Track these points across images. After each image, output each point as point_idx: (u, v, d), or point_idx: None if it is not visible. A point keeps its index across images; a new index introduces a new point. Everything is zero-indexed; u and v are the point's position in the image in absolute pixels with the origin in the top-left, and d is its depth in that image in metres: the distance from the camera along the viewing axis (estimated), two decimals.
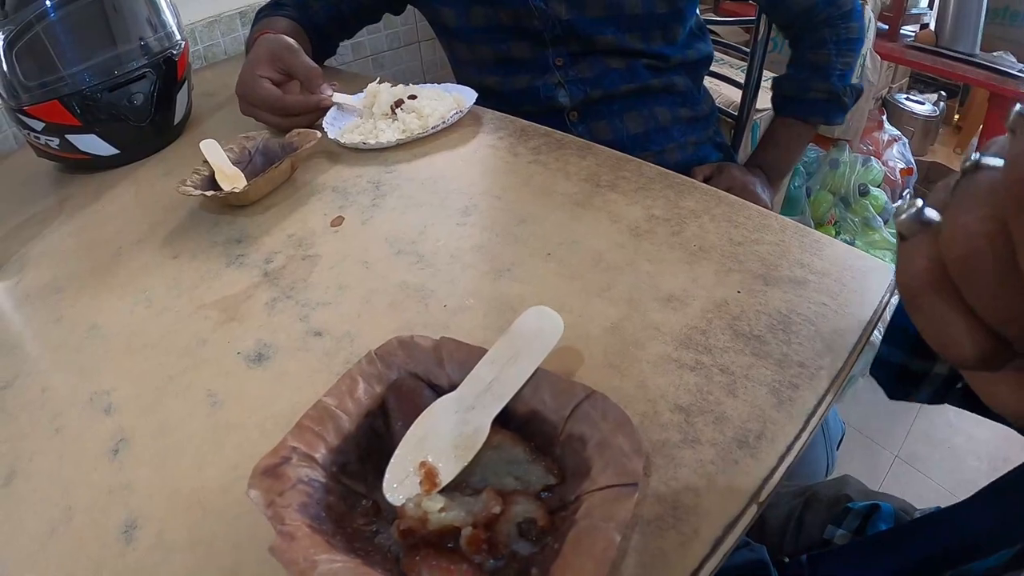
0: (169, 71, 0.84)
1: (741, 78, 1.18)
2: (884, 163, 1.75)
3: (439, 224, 0.59)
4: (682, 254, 0.52)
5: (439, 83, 0.80)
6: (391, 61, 1.65)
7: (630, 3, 0.87)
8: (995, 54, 1.98)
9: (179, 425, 0.43)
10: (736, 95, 1.20)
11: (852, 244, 1.55)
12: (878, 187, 1.69)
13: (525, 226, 0.57)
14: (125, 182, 0.79)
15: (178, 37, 0.87)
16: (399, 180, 0.67)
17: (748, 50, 1.13)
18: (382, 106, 0.75)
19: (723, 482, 0.36)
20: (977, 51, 1.93)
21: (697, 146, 0.99)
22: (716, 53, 1.05)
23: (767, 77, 1.11)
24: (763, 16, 1.05)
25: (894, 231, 1.33)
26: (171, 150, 0.85)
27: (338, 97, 0.78)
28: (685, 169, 0.97)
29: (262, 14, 0.99)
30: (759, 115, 1.30)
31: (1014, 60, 1.99)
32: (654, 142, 0.94)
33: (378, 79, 0.78)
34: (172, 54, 0.85)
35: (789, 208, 1.57)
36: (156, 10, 0.85)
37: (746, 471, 0.36)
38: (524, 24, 0.90)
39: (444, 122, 0.72)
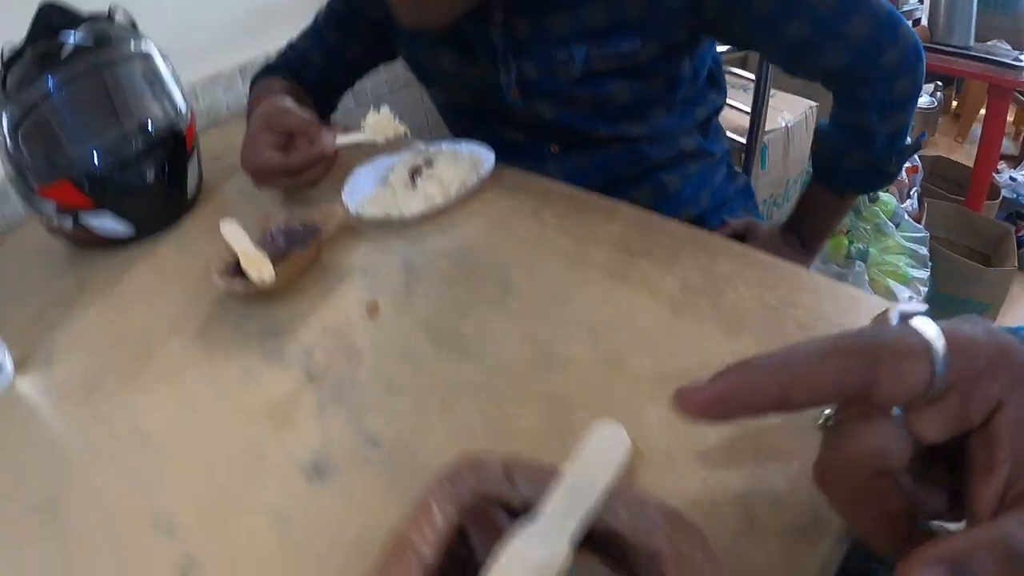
0: (178, 145, 0.85)
1: (745, 101, 1.18)
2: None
3: (478, 307, 0.59)
4: (723, 328, 0.52)
5: (445, 134, 0.81)
6: (393, 103, 1.64)
7: (619, 94, 0.80)
8: (989, 43, 1.98)
9: (248, 550, 0.43)
10: (741, 119, 1.20)
11: (866, 252, 1.55)
12: (886, 191, 1.69)
13: (565, 307, 0.57)
14: (143, 262, 0.78)
15: (183, 107, 0.87)
16: (428, 256, 0.67)
17: (751, 76, 1.13)
18: (400, 175, 0.75)
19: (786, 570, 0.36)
20: (972, 43, 1.93)
21: (713, 195, 0.94)
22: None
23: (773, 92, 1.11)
24: None
25: (906, 235, 1.32)
26: (187, 223, 0.85)
27: (341, 139, 0.77)
28: (702, 223, 0.92)
29: (258, 78, 1.00)
30: (768, 135, 1.30)
31: (1009, 48, 1.99)
32: (666, 211, 0.88)
33: (376, 109, 0.77)
34: (179, 127, 0.85)
35: None
36: (159, 82, 0.85)
37: (808, 559, 0.36)
38: (509, 117, 0.86)
39: (466, 189, 0.72)
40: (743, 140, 1.17)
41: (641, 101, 0.80)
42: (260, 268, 0.66)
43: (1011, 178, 2.31)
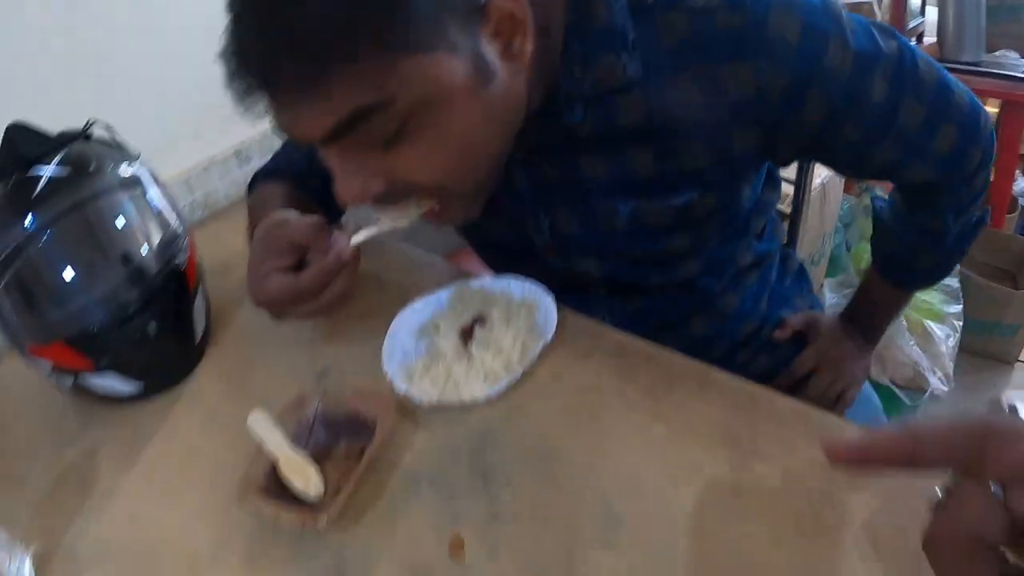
0: (179, 286, 0.75)
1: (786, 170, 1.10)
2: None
3: (581, 551, 0.50)
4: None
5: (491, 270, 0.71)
6: None
7: (679, 246, 0.69)
8: (998, 54, 1.93)
9: None
10: (786, 187, 1.12)
11: None
12: None
13: (686, 540, 0.49)
14: (158, 428, 0.69)
15: (181, 235, 0.77)
16: (505, 460, 0.57)
17: None
18: (448, 337, 0.66)
19: None
20: (983, 56, 1.88)
21: (772, 295, 0.85)
22: None
23: None
24: None
25: None
26: (200, 373, 0.76)
27: (356, 238, 0.62)
28: (762, 329, 0.85)
29: (254, 184, 0.88)
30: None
31: (1017, 56, 1.94)
32: (728, 331, 0.81)
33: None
34: (179, 264, 0.75)
35: (832, 269, 1.50)
36: (152, 211, 0.74)
37: None
38: (546, 268, 0.75)
39: (528, 359, 0.63)
40: (786, 211, 1.10)
41: (701, 249, 0.71)
42: (305, 477, 0.57)
43: None
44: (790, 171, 1.09)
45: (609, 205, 0.65)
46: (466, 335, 0.66)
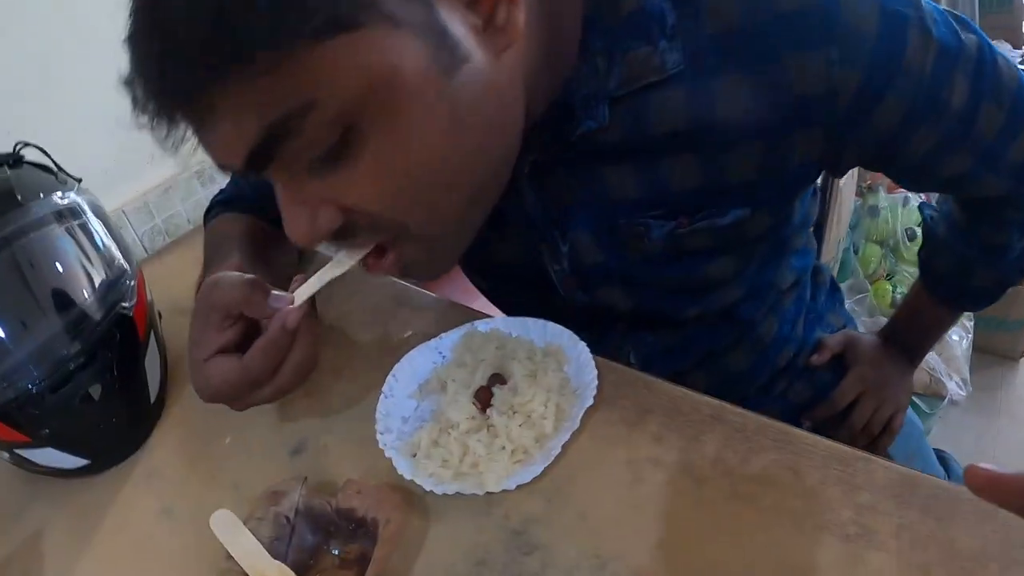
0: (126, 334, 0.62)
1: None
2: (919, 194, 1.63)
3: None
4: None
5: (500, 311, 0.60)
6: None
7: (720, 272, 0.59)
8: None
9: None
10: None
11: None
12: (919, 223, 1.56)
13: None
14: (107, 508, 0.57)
15: (128, 273, 0.64)
16: (547, 564, 0.45)
17: None
18: (458, 400, 0.53)
19: None
20: None
21: (808, 317, 0.77)
22: None
23: None
24: None
25: None
26: (157, 442, 0.64)
27: (302, 294, 0.49)
28: (800, 353, 0.77)
29: (210, 214, 0.76)
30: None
31: (1010, 47, 1.92)
32: (768, 361, 0.72)
33: None
34: (124, 308, 0.62)
35: (841, 274, 1.42)
36: (92, 246, 0.62)
37: None
38: (560, 305, 0.64)
39: (565, 429, 0.50)
40: None
41: (743, 268, 0.61)
42: None
43: None
44: None
45: (640, 227, 0.54)
46: (483, 398, 0.53)
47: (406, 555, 0.47)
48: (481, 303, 1.12)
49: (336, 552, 0.48)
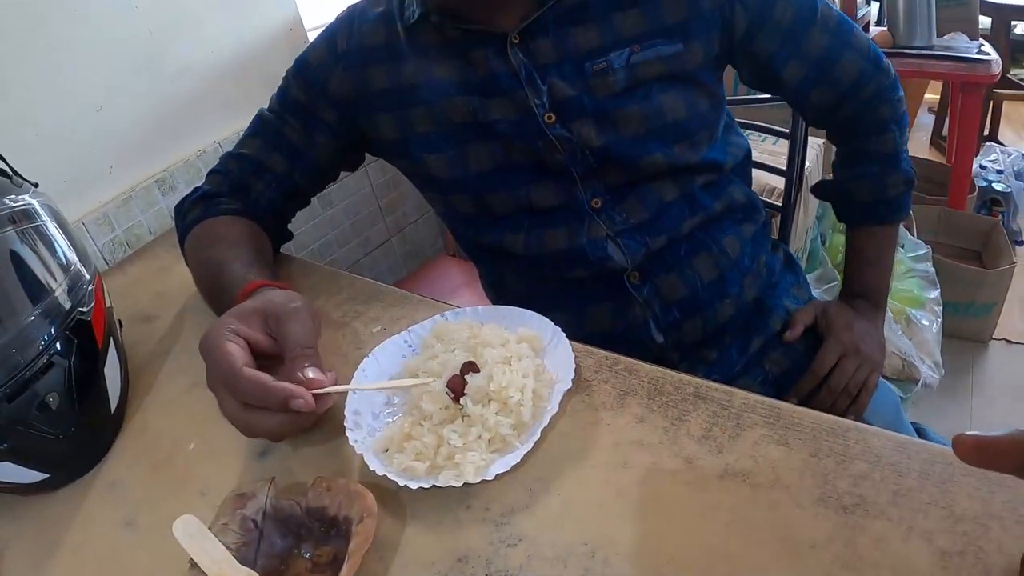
0: (84, 341, 0.59)
1: (773, 160, 1.02)
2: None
3: None
4: None
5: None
6: (339, 195, 1.43)
7: (673, 105, 0.70)
8: (948, 37, 1.93)
9: None
10: (773, 180, 1.04)
11: None
12: None
13: None
14: (69, 524, 0.54)
15: (85, 278, 0.62)
16: (532, 556, 0.43)
17: (785, 131, 0.97)
18: (436, 396, 0.51)
19: None
20: (934, 41, 1.87)
21: (767, 266, 0.82)
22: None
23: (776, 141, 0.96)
24: None
25: (911, 255, 1.22)
26: (119, 452, 0.61)
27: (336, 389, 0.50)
28: (762, 307, 0.81)
29: (189, 217, 0.75)
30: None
31: (966, 39, 1.95)
32: (731, 283, 0.76)
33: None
34: (82, 314, 0.60)
35: (811, 264, 1.43)
36: (48, 250, 0.60)
37: None
38: (544, 159, 0.71)
39: (544, 412, 0.49)
40: (777, 204, 1.01)
41: (693, 116, 0.72)
42: None
43: (981, 166, 2.28)
44: (778, 161, 1.00)
45: (602, 63, 0.68)
46: (456, 387, 0.51)
47: (382, 555, 0.45)
48: (463, 298, 1.10)
49: (308, 555, 0.46)
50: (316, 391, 0.48)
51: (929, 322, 1.54)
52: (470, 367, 0.52)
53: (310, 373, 0.50)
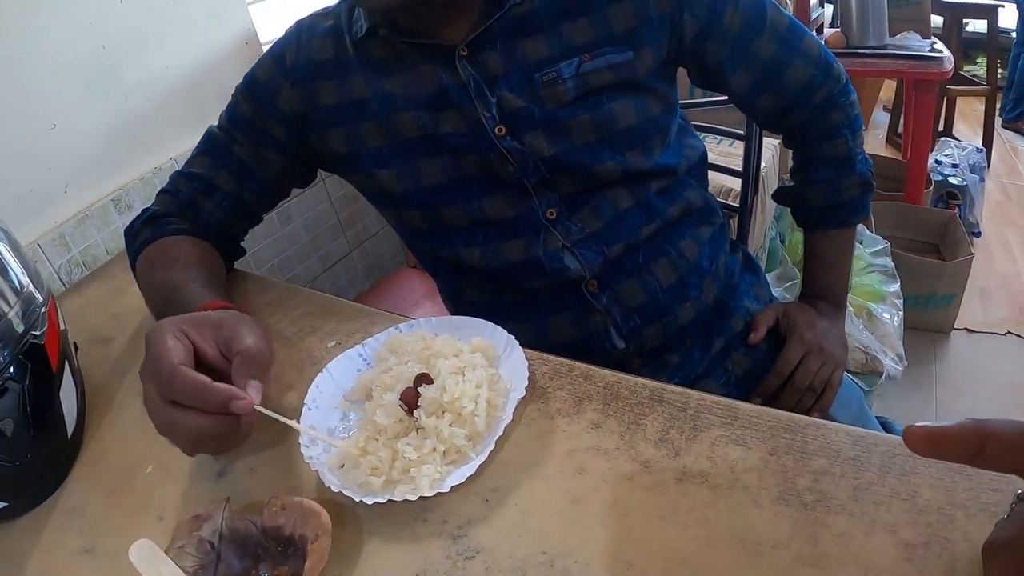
0: (39, 366, 0.58)
1: (729, 162, 1.04)
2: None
3: None
4: None
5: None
6: (298, 210, 1.42)
7: (624, 113, 0.70)
8: (900, 36, 1.98)
9: None
10: (729, 182, 1.06)
11: None
12: None
13: None
14: (29, 554, 0.53)
15: (38, 300, 0.60)
16: (492, 571, 0.43)
17: (740, 132, 0.99)
18: (390, 409, 0.51)
19: None
20: (887, 40, 1.92)
21: (725, 267, 0.83)
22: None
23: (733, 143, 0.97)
24: None
25: (870, 250, 1.25)
26: (77, 478, 0.60)
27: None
28: (723, 308, 0.81)
29: (139, 238, 0.75)
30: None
31: (919, 38, 1.99)
32: (691, 286, 0.77)
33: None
34: (35, 337, 0.58)
35: (770, 263, 1.45)
36: (0, 272, 0.58)
37: None
38: (496, 172, 0.71)
39: (498, 422, 0.49)
40: (734, 205, 1.03)
41: (645, 122, 0.72)
42: None
43: (936, 161, 2.33)
44: (735, 162, 1.02)
45: (552, 74, 0.68)
46: (409, 399, 0.51)
47: (341, 571, 0.45)
48: (425, 311, 1.10)
49: (266, 575, 0.45)
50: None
51: (890, 315, 1.58)
52: (424, 379, 0.52)
53: (252, 386, 0.49)
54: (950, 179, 2.25)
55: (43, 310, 0.61)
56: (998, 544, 0.34)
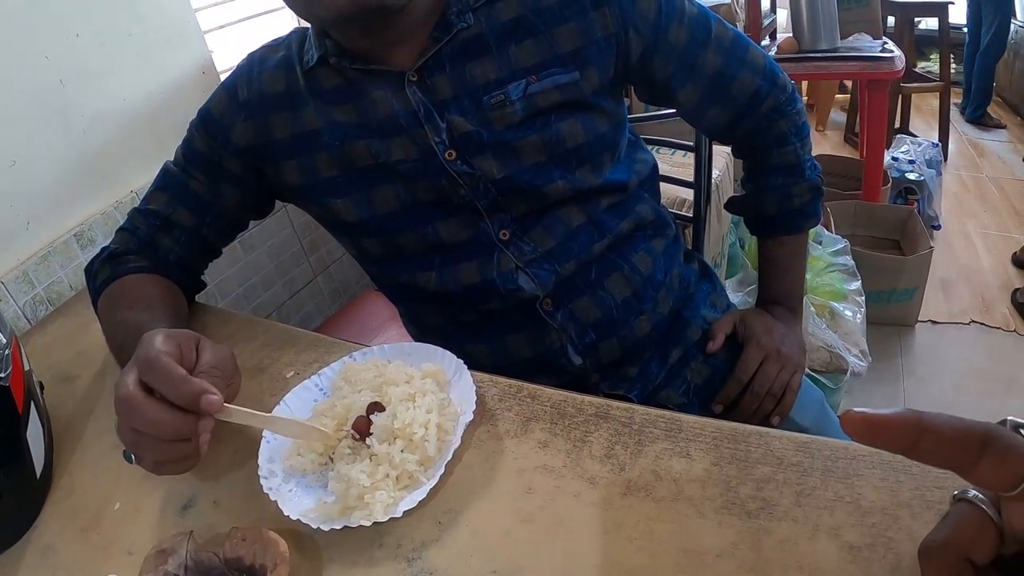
0: (4, 407, 0.58)
1: (681, 173, 1.07)
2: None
3: None
4: None
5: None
6: (261, 238, 1.43)
7: (572, 132, 0.72)
8: (851, 39, 2.02)
9: None
10: (683, 193, 1.09)
11: None
12: None
13: None
14: None
15: (2, 342, 0.61)
16: None
17: (691, 143, 1.02)
18: (338, 433, 0.53)
19: None
20: (839, 43, 1.96)
21: (680, 278, 0.84)
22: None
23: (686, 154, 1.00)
24: None
25: (830, 249, 1.28)
26: (48, 518, 0.60)
27: (235, 413, 0.51)
28: (680, 318, 0.83)
29: (102, 278, 0.76)
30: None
31: (870, 39, 2.04)
32: (645, 299, 0.78)
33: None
34: (0, 380, 0.58)
35: (730, 269, 1.49)
36: None
37: None
38: (448, 196, 0.72)
39: (448, 446, 0.51)
40: (688, 215, 1.06)
41: (593, 140, 0.73)
42: None
43: (893, 158, 2.39)
44: (687, 173, 1.05)
45: (500, 96, 0.70)
46: (361, 427, 0.53)
47: None
48: (391, 333, 1.11)
49: None
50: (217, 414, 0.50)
51: (852, 313, 1.62)
52: (376, 407, 0.54)
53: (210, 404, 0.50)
54: (907, 175, 2.30)
55: (7, 352, 0.62)
56: (933, 546, 0.34)
